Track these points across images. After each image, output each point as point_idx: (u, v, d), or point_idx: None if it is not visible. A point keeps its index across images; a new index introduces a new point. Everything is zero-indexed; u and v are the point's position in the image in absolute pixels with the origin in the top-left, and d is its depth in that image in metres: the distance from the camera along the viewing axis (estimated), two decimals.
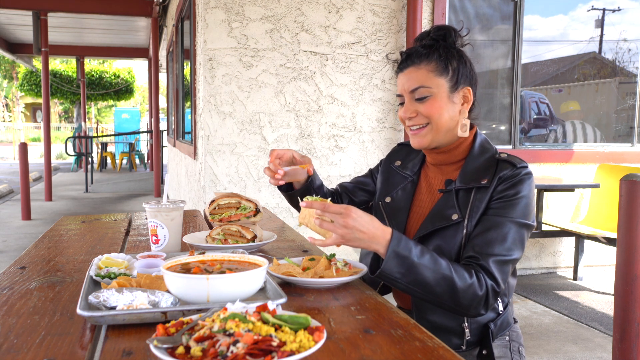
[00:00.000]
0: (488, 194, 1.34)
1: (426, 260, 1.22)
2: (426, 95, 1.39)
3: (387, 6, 4.27)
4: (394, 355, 0.87)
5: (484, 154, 1.42)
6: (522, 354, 1.49)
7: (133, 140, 15.58)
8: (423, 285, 1.23)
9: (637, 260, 2.02)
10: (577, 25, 5.27)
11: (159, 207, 1.52)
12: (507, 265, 1.29)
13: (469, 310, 1.26)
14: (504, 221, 1.30)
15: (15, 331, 0.97)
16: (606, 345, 3.14)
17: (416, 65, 1.41)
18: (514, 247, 1.29)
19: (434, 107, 1.39)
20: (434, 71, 1.39)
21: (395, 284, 1.24)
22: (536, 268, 4.74)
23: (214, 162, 4.05)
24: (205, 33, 3.96)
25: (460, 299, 1.24)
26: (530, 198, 1.34)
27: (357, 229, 1.19)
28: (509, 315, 1.46)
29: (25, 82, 21.20)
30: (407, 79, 1.41)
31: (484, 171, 1.37)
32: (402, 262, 1.21)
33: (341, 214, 1.19)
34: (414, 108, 1.40)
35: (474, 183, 1.37)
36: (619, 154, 4.88)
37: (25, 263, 1.47)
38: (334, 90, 4.20)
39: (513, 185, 1.33)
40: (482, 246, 1.29)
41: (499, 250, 1.28)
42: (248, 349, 0.74)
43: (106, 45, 13.55)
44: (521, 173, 1.34)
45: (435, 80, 1.39)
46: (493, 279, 1.26)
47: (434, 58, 1.39)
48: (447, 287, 1.23)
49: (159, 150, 9.56)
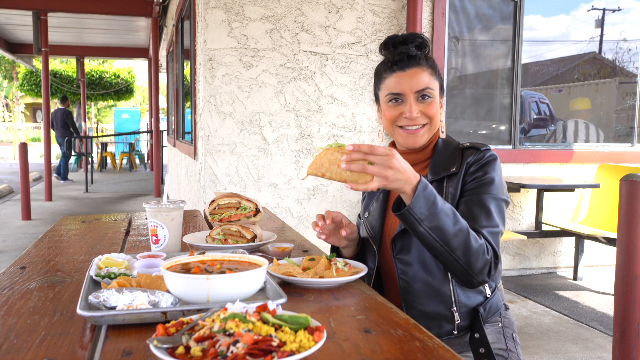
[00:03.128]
0: (459, 180, 1.42)
1: (447, 208, 1.28)
2: (430, 96, 1.46)
3: (387, 6, 4.27)
4: (394, 355, 0.87)
5: (448, 146, 1.51)
6: (516, 340, 1.52)
7: (133, 140, 15.58)
8: (442, 233, 1.26)
9: (637, 260, 2.02)
10: (578, 25, 5.27)
11: (159, 207, 1.52)
12: (497, 236, 1.36)
13: (477, 272, 1.31)
14: (482, 197, 1.38)
15: (15, 331, 0.97)
16: (606, 345, 3.14)
17: (420, 66, 1.46)
18: (498, 219, 1.38)
19: (434, 108, 1.47)
20: (432, 74, 1.48)
21: (416, 227, 1.26)
22: (536, 268, 4.74)
23: (214, 162, 4.05)
24: (205, 33, 3.96)
25: (472, 258, 1.29)
26: (500, 177, 1.42)
27: (399, 170, 1.22)
28: (497, 300, 1.50)
29: (25, 82, 21.19)
30: (413, 79, 1.45)
31: (452, 160, 1.46)
32: (427, 205, 1.25)
33: (387, 155, 1.21)
34: (419, 108, 1.46)
35: (444, 172, 1.45)
36: (619, 154, 4.88)
37: (25, 263, 1.47)
38: (334, 90, 4.20)
39: (481, 167, 1.42)
40: (471, 222, 1.34)
41: (487, 223, 1.35)
42: (248, 349, 0.74)
43: (106, 45, 13.54)
44: (485, 155, 1.44)
45: (434, 83, 1.48)
46: (492, 249, 1.33)
47: (428, 63, 1.48)
48: (463, 242, 1.27)
49: (159, 150, 9.56)
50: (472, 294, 1.44)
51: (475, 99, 4.67)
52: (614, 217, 4.13)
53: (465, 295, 1.43)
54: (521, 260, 4.70)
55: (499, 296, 1.51)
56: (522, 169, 4.65)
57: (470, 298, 1.44)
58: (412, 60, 1.46)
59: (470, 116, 4.67)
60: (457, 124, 4.62)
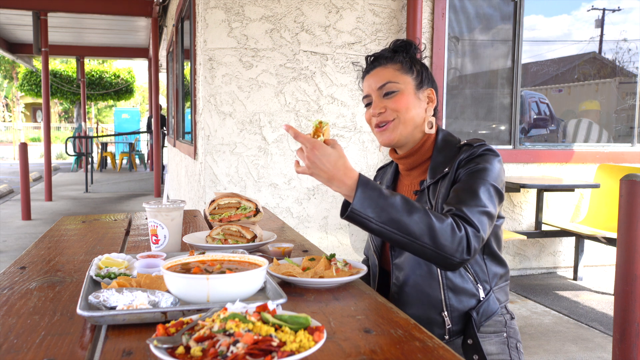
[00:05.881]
0: (451, 178, 1.38)
1: (398, 199, 1.23)
2: (394, 90, 1.44)
3: (387, 6, 4.27)
4: (394, 355, 0.87)
5: (447, 146, 1.47)
6: (520, 350, 1.49)
7: (133, 140, 15.58)
8: (398, 224, 1.21)
9: (637, 260, 2.02)
10: (578, 25, 5.28)
11: (159, 207, 1.52)
12: (483, 214, 1.28)
13: (453, 253, 1.23)
14: (471, 182, 1.33)
15: (15, 331, 0.97)
16: (606, 345, 3.14)
17: (383, 65, 1.48)
18: (486, 200, 1.30)
19: (401, 101, 1.44)
20: (400, 70, 1.46)
21: (368, 225, 1.22)
22: (536, 268, 4.74)
23: (214, 162, 4.05)
24: (205, 33, 3.96)
25: (441, 239, 1.21)
26: (496, 168, 1.36)
27: (317, 166, 1.22)
28: (493, 304, 1.43)
29: (25, 82, 21.20)
30: (374, 78, 1.47)
31: (449, 161, 1.42)
32: (371, 201, 1.21)
33: (310, 147, 1.22)
34: (383, 104, 1.45)
35: (439, 174, 1.42)
36: (619, 154, 4.88)
37: (25, 263, 1.47)
38: (334, 90, 4.20)
39: (472, 160, 1.37)
40: (453, 200, 1.31)
41: (471, 202, 1.29)
42: (248, 349, 0.74)
43: (106, 45, 13.55)
44: (479, 150, 1.38)
45: (402, 77, 1.45)
46: (470, 224, 1.25)
47: (399, 60, 1.47)
48: (426, 226, 1.21)
49: (159, 150, 9.56)
50: (465, 298, 1.40)
51: (475, 99, 4.67)
52: (614, 217, 4.13)
53: (457, 299, 1.40)
54: (521, 260, 4.70)
55: (494, 299, 1.44)
56: (522, 169, 4.65)
57: (462, 302, 1.40)
58: (376, 62, 1.49)
59: (470, 116, 4.67)
60: (457, 124, 4.62)
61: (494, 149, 1.40)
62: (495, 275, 1.46)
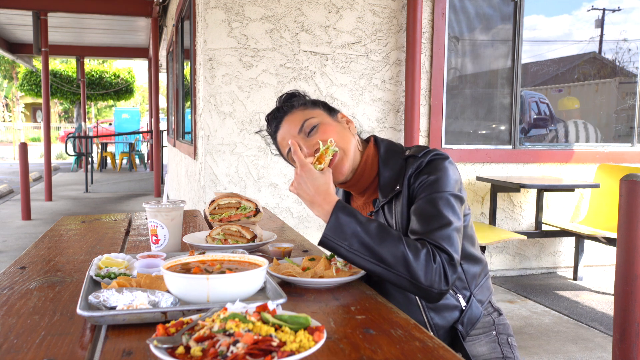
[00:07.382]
0: (405, 195, 1.35)
1: (374, 226, 1.22)
2: (314, 124, 1.41)
3: (387, 6, 4.27)
4: (394, 355, 0.87)
5: (392, 157, 1.43)
6: (512, 344, 1.47)
7: (133, 140, 15.58)
8: (371, 251, 1.20)
9: (637, 260, 2.02)
10: (578, 25, 5.28)
11: (159, 207, 1.52)
12: (452, 232, 1.25)
13: (429, 284, 1.19)
14: (429, 198, 1.30)
15: (15, 331, 0.97)
16: (606, 345, 3.14)
17: (289, 114, 1.45)
18: (450, 216, 1.27)
19: (328, 130, 1.40)
20: (307, 108, 1.44)
21: (340, 251, 1.22)
22: (536, 268, 4.74)
23: (214, 162, 4.05)
24: (205, 33, 3.96)
25: (417, 270, 1.18)
26: (446, 173, 1.32)
27: (302, 188, 1.26)
28: (476, 309, 1.41)
29: (25, 82, 21.19)
30: (288, 126, 1.44)
31: (397, 177, 1.39)
32: (346, 227, 1.21)
33: (301, 167, 1.26)
34: (312, 142, 1.40)
35: (391, 193, 1.38)
36: (619, 154, 4.88)
37: (25, 263, 1.47)
38: (334, 90, 4.20)
39: (422, 171, 1.34)
40: (419, 227, 1.27)
41: (436, 223, 1.25)
42: (248, 349, 0.74)
43: (106, 45, 13.54)
44: (425, 161, 1.35)
45: (313, 112, 1.43)
46: (443, 251, 1.22)
47: (300, 103, 1.46)
48: (401, 255, 1.18)
49: (159, 150, 9.56)
50: (447, 313, 1.38)
51: (475, 99, 4.67)
52: (614, 217, 4.13)
53: (440, 317, 1.37)
54: (521, 260, 4.70)
55: (476, 304, 1.42)
56: (522, 169, 4.65)
57: (445, 318, 1.38)
58: (280, 113, 1.47)
59: (470, 116, 4.67)
60: (457, 124, 4.62)
61: (440, 152, 1.37)
62: (473, 276, 1.43)
